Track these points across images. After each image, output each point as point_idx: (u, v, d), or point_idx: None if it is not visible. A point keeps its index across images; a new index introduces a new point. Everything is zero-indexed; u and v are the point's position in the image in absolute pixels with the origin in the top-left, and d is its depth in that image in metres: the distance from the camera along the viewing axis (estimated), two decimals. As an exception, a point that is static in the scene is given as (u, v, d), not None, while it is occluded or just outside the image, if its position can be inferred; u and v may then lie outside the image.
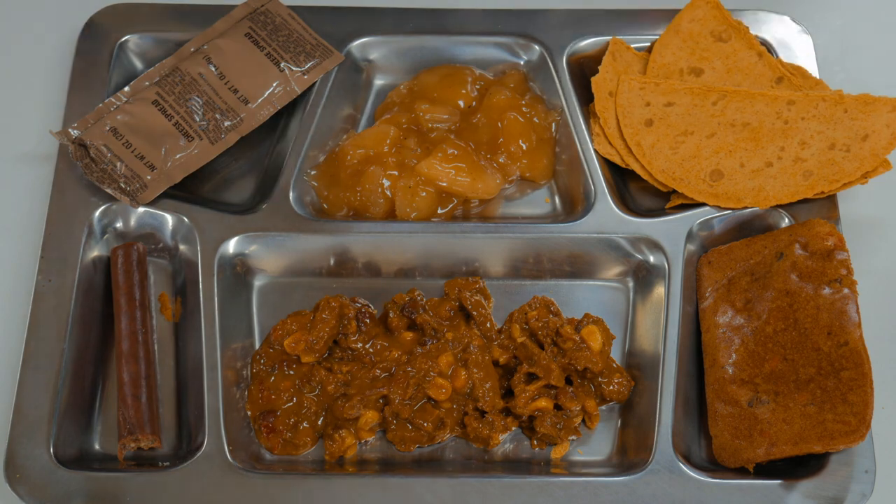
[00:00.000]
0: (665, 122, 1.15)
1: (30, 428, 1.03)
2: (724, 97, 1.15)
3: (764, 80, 1.17)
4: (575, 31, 1.22)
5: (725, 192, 1.13)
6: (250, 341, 1.12)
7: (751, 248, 1.10)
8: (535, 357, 1.06)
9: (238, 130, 1.16)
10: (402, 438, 1.07)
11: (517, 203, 1.20)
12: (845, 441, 0.98)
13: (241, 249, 1.13)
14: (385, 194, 1.16)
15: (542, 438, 1.07)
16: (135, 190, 1.12)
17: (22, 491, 1.01)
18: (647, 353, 1.10)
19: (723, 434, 1.04)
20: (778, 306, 1.05)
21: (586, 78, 1.20)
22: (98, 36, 1.22)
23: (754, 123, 1.14)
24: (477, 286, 1.14)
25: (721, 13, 1.19)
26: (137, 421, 1.04)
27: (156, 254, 1.15)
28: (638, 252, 1.13)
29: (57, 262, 1.10)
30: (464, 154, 1.16)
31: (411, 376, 1.06)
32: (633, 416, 1.08)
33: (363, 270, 1.15)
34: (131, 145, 1.13)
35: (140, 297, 1.10)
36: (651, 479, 1.02)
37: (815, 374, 1.01)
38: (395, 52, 1.24)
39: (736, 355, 1.05)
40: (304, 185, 1.17)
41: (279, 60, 1.18)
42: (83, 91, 1.19)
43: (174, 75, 1.16)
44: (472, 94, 1.23)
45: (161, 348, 1.12)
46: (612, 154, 1.17)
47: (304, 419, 1.08)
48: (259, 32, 1.19)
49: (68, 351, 1.06)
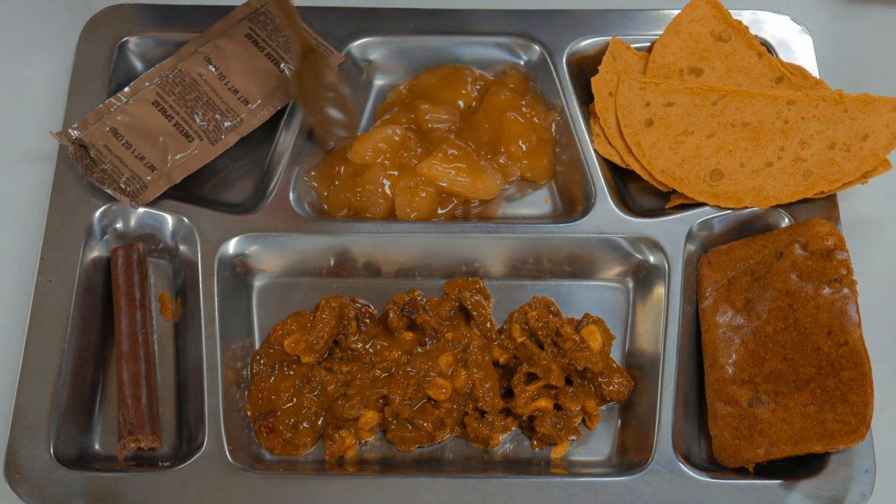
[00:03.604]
0: (665, 122, 1.15)
1: (30, 428, 1.03)
2: (724, 97, 1.15)
3: (764, 80, 1.17)
4: (575, 31, 1.22)
5: (725, 191, 1.13)
6: (250, 341, 1.12)
7: (751, 247, 1.10)
8: (535, 357, 1.06)
9: (238, 131, 1.16)
10: (402, 438, 1.07)
11: (517, 203, 1.20)
12: (845, 441, 0.98)
13: (241, 250, 1.13)
14: (385, 194, 1.16)
15: (542, 438, 1.07)
16: (135, 190, 1.12)
17: (22, 491, 1.01)
18: (647, 353, 1.10)
19: (723, 434, 1.04)
20: (778, 306, 1.05)
21: (586, 78, 1.20)
22: (98, 36, 1.22)
23: (754, 123, 1.14)
24: (477, 286, 1.14)
25: (721, 13, 1.19)
26: (137, 421, 1.04)
27: (156, 254, 1.15)
28: (638, 252, 1.13)
29: (57, 262, 1.10)
30: (464, 154, 1.16)
31: (411, 376, 1.06)
32: (633, 416, 1.08)
33: (363, 270, 1.16)
34: (131, 146, 1.13)
35: (140, 298, 1.10)
36: (651, 479, 1.02)
37: (815, 373, 1.01)
38: (395, 52, 1.24)
39: (736, 355, 1.05)
40: (304, 185, 1.17)
41: (279, 61, 1.18)
42: (83, 91, 1.19)
43: (174, 76, 1.16)
44: (473, 95, 1.23)
45: (161, 348, 1.12)
46: (612, 154, 1.17)
47: (304, 419, 1.08)
48: (259, 33, 1.19)
49: (68, 351, 1.06)
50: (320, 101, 1.16)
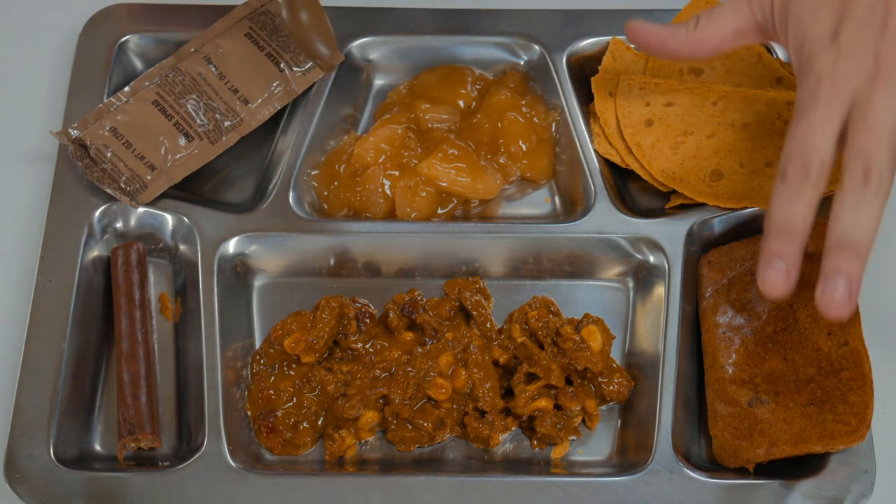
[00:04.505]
0: (665, 123, 1.15)
1: (30, 428, 1.03)
2: (723, 97, 1.15)
3: (764, 80, 1.17)
4: (575, 31, 1.22)
5: (725, 192, 1.13)
6: (250, 341, 1.12)
7: (751, 247, 1.10)
8: (535, 357, 1.06)
9: (238, 130, 1.16)
10: (402, 438, 1.07)
11: (517, 203, 1.20)
12: (845, 441, 0.98)
13: (241, 249, 1.13)
14: (385, 194, 1.16)
15: (542, 438, 1.07)
16: (135, 190, 1.12)
17: (22, 491, 1.01)
18: (646, 353, 1.10)
19: (723, 434, 1.04)
20: (778, 306, 1.05)
21: (586, 78, 1.20)
22: (98, 36, 1.22)
23: (754, 124, 1.14)
24: (477, 286, 1.14)
25: (721, 13, 1.19)
26: (137, 421, 1.04)
27: (156, 254, 1.15)
28: (638, 252, 1.13)
29: (57, 261, 1.10)
30: (464, 154, 1.16)
31: (411, 376, 1.06)
32: (633, 416, 1.08)
33: (363, 270, 1.16)
34: (131, 145, 1.13)
35: (140, 297, 1.10)
36: (651, 479, 1.02)
37: (815, 374, 1.01)
38: (395, 52, 1.24)
39: (736, 355, 1.05)
40: (304, 185, 1.17)
41: (279, 60, 1.18)
42: (83, 91, 1.19)
43: (174, 75, 1.16)
44: (472, 94, 1.23)
45: (161, 348, 1.12)
46: (612, 154, 1.17)
47: (304, 419, 1.08)
48: (259, 32, 1.19)
49: (68, 351, 1.06)
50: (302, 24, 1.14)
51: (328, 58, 1.12)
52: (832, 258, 0.90)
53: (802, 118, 0.93)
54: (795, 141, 0.93)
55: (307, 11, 1.18)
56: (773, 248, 0.92)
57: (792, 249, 0.92)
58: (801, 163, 0.92)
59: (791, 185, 0.92)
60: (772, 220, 0.93)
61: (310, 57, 1.13)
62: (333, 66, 1.13)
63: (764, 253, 0.92)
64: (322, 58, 1.12)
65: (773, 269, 0.92)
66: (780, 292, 0.92)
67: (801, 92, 0.95)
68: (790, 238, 0.92)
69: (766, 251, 0.92)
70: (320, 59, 1.12)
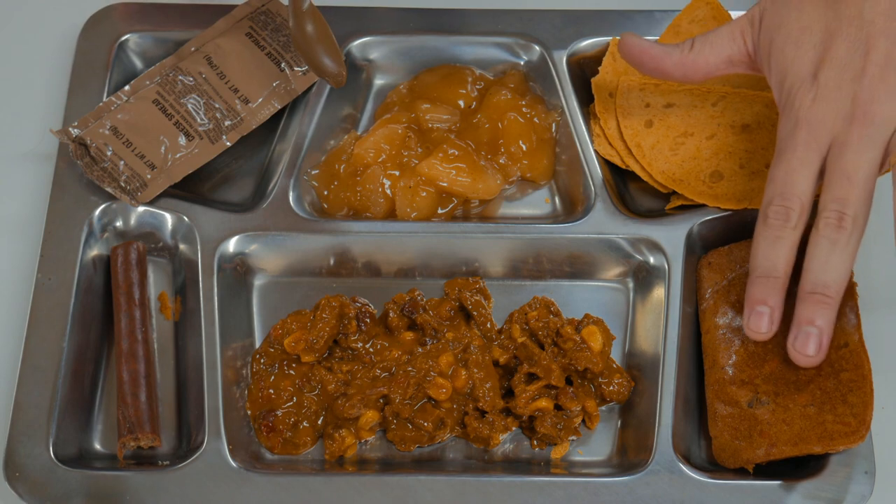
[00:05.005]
0: (665, 124, 1.15)
1: (29, 426, 1.03)
2: (723, 98, 1.15)
3: (764, 81, 1.17)
4: (575, 31, 1.22)
5: (725, 193, 1.13)
6: (250, 341, 1.12)
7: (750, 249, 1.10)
8: (536, 357, 1.06)
9: (238, 130, 1.16)
10: (403, 438, 1.07)
11: (517, 203, 1.20)
12: (845, 442, 0.98)
13: (240, 249, 1.13)
14: (385, 194, 1.16)
15: (542, 438, 1.07)
16: (135, 189, 1.12)
17: (21, 489, 1.01)
18: (646, 354, 1.10)
19: (723, 435, 1.04)
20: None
21: (586, 78, 1.20)
22: (98, 35, 1.22)
23: (754, 125, 1.14)
24: (477, 286, 1.14)
25: (721, 14, 1.19)
26: (137, 420, 1.04)
27: (156, 253, 1.15)
28: (638, 253, 1.13)
29: (57, 260, 1.10)
30: (464, 154, 1.16)
31: (411, 376, 1.06)
32: (633, 417, 1.08)
33: (363, 270, 1.16)
34: (131, 144, 1.13)
35: (140, 297, 1.10)
36: (651, 479, 1.02)
37: (815, 375, 1.01)
38: (395, 52, 1.24)
39: (736, 356, 1.06)
40: (304, 185, 1.17)
41: (279, 60, 1.18)
42: (83, 90, 1.19)
43: (174, 74, 1.16)
44: (473, 95, 1.23)
45: (161, 348, 1.11)
46: (612, 155, 1.17)
47: (304, 419, 1.08)
48: (260, 32, 1.19)
49: (68, 349, 1.06)
50: (307, 35, 1.13)
51: (335, 73, 1.12)
52: (805, 307, 0.95)
53: (782, 161, 0.96)
54: (775, 185, 0.96)
55: (312, 23, 1.17)
56: (757, 295, 0.97)
57: (775, 294, 0.97)
58: (782, 206, 0.96)
59: (773, 229, 0.96)
60: (756, 266, 0.97)
61: (318, 73, 1.12)
62: (341, 82, 1.13)
63: (749, 299, 0.97)
64: (330, 73, 1.12)
65: (758, 314, 0.97)
66: (766, 336, 0.98)
67: (781, 130, 0.98)
68: (773, 284, 0.96)
69: (750, 298, 0.97)
70: (328, 76, 1.12)
